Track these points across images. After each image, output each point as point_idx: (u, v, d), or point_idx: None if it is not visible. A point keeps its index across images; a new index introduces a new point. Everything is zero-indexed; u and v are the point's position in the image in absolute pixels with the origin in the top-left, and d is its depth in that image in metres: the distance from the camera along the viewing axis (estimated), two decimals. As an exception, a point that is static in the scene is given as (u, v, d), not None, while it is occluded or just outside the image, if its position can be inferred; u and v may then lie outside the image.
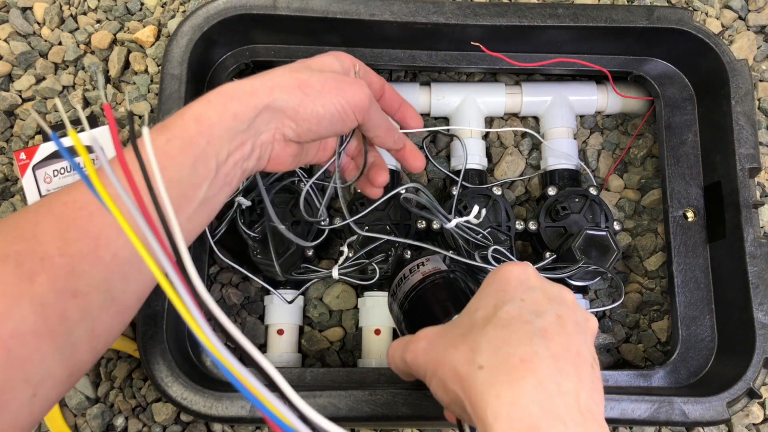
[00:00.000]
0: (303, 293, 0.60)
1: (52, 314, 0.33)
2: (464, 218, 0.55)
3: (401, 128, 0.56)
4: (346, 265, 0.56)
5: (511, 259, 0.54)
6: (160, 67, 0.61)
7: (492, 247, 0.54)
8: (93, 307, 0.35)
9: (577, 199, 0.59)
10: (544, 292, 0.36)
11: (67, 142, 0.58)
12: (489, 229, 0.57)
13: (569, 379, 0.30)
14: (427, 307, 0.47)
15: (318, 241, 0.56)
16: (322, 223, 0.56)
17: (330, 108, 0.44)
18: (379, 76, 0.54)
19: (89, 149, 0.58)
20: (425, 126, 0.61)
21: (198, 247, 0.57)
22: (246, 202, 0.55)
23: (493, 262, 0.54)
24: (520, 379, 0.29)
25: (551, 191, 0.60)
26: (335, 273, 0.55)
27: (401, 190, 0.57)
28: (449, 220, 0.54)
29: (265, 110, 0.42)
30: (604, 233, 0.56)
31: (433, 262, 0.49)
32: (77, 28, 0.68)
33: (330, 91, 0.44)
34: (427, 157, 0.62)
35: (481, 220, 0.55)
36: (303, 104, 0.43)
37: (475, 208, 0.55)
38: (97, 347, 0.37)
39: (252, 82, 0.42)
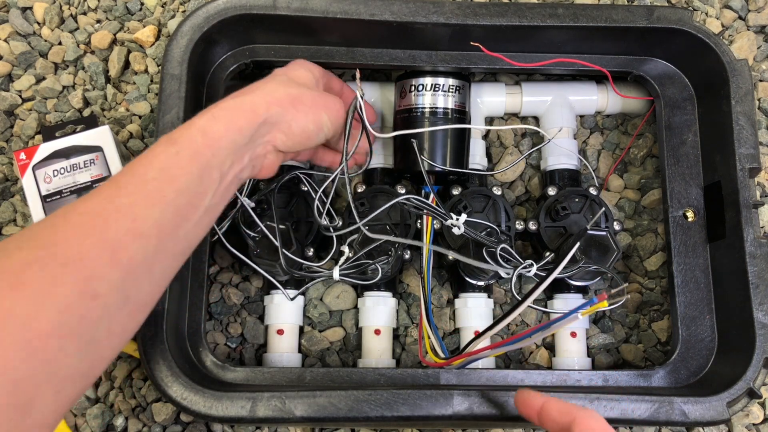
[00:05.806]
0: (303, 293, 0.60)
1: (74, 315, 0.35)
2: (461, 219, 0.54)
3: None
4: (346, 266, 0.56)
5: (516, 258, 0.54)
6: (160, 67, 0.61)
7: (500, 246, 0.53)
8: (110, 307, 0.37)
9: (577, 199, 0.59)
10: None
11: (67, 141, 0.58)
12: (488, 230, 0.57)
13: None
14: None
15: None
16: (333, 229, 0.56)
17: (318, 123, 0.50)
18: (338, 78, 0.59)
19: (91, 149, 0.58)
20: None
21: (198, 247, 0.57)
22: (250, 203, 0.55)
23: (501, 261, 0.53)
24: None
25: (551, 191, 0.60)
26: (336, 274, 0.55)
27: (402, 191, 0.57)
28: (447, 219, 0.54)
29: (263, 124, 0.46)
30: (604, 233, 0.56)
31: None
32: (77, 28, 0.68)
33: (317, 107, 0.50)
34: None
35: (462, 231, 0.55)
36: (296, 119, 0.48)
37: (463, 216, 0.55)
38: (114, 344, 0.39)
39: (252, 98, 0.46)
